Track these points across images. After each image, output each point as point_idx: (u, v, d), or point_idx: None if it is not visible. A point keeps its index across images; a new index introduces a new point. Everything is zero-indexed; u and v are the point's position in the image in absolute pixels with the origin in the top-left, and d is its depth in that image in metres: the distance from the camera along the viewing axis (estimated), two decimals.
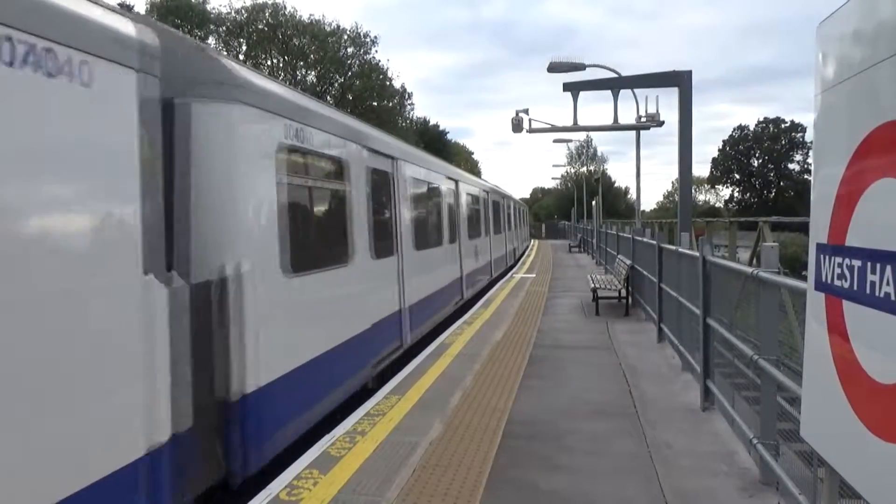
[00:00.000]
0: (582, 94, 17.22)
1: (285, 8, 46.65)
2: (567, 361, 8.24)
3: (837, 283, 2.47)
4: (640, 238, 12.10)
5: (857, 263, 2.32)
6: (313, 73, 49.07)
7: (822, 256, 2.63)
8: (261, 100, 4.90)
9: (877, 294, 2.17)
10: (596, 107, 76.08)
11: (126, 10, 3.79)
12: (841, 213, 2.47)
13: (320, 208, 6.51)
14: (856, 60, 2.37)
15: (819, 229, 2.66)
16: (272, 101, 5.13)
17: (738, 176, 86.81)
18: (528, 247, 40.74)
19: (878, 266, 2.17)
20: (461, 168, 23.19)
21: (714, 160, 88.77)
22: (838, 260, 2.47)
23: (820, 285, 2.65)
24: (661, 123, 17.57)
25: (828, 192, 2.57)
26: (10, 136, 2.74)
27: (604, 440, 5.32)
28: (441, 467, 4.74)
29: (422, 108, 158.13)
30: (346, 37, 48.88)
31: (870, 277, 2.22)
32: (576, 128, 18.09)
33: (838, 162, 2.47)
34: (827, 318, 2.57)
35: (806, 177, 78.53)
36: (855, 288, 2.32)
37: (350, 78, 50.04)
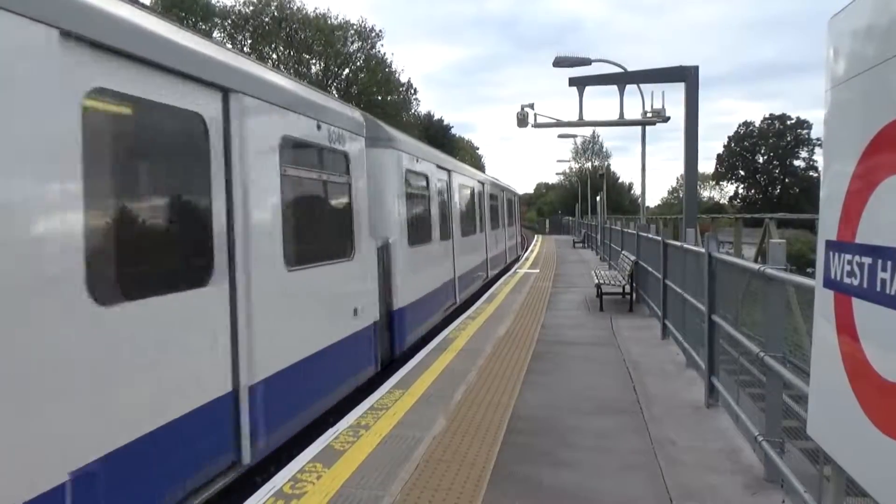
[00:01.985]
0: (587, 88, 17.17)
1: (293, 1, 46.65)
2: (571, 357, 8.23)
3: (847, 280, 2.45)
4: (644, 234, 12.07)
5: (867, 261, 2.30)
6: (316, 66, 49.05)
7: (831, 253, 2.61)
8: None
9: (887, 292, 2.15)
10: (601, 101, 75.99)
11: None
12: (851, 209, 2.45)
13: None
14: (868, 55, 2.34)
15: (828, 226, 2.64)
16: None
17: (742, 172, 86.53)
18: (515, 259, 27.29)
19: (889, 263, 2.15)
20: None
21: (719, 156, 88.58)
22: (848, 257, 2.45)
23: (829, 282, 2.63)
24: (666, 119, 17.51)
25: (838, 189, 2.54)
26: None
27: (608, 437, 5.31)
28: (445, 462, 4.74)
29: (425, 102, 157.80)
30: (352, 31, 48.86)
31: (880, 275, 2.20)
32: (581, 123, 18.06)
33: (849, 158, 2.45)
34: (835, 315, 2.55)
35: (811, 174, 78.37)
36: (865, 285, 2.30)
37: (355, 71, 50.02)
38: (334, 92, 47.16)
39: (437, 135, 59.79)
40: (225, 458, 4.46)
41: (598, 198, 32.74)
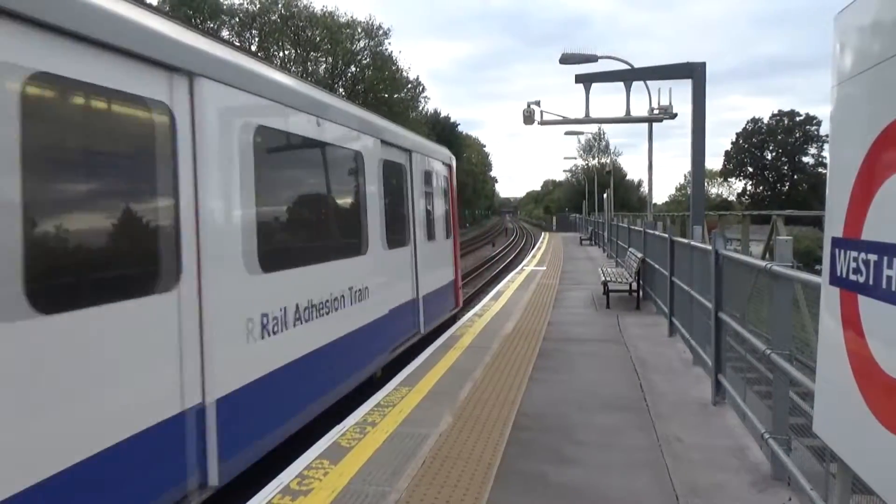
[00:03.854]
0: (594, 85, 17.09)
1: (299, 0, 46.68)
2: (577, 354, 8.22)
3: (853, 277, 2.45)
4: (651, 231, 12.04)
5: (873, 258, 2.29)
6: (324, 64, 49.08)
7: (837, 250, 2.61)
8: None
9: (893, 289, 2.14)
10: (608, 98, 75.92)
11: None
12: (857, 206, 2.44)
13: None
14: (875, 51, 2.33)
15: (834, 223, 2.63)
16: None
17: (751, 169, 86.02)
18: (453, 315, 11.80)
19: None
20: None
21: (727, 153, 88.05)
22: (854, 254, 2.44)
23: (835, 280, 2.62)
24: (673, 116, 17.41)
25: (844, 186, 2.53)
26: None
27: (614, 433, 5.31)
28: (451, 459, 4.75)
29: (432, 99, 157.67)
30: (360, 29, 48.86)
31: (886, 272, 2.19)
32: (588, 120, 17.96)
33: (855, 154, 2.44)
34: (842, 312, 2.54)
35: (820, 170, 77.79)
36: (871, 282, 2.30)
37: (361, 69, 50.03)
38: (341, 90, 47.19)
39: (444, 132, 59.82)
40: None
41: (605, 195, 32.64)
